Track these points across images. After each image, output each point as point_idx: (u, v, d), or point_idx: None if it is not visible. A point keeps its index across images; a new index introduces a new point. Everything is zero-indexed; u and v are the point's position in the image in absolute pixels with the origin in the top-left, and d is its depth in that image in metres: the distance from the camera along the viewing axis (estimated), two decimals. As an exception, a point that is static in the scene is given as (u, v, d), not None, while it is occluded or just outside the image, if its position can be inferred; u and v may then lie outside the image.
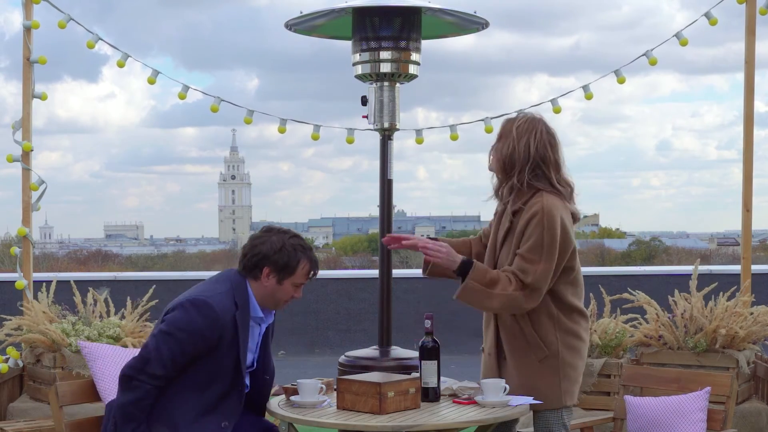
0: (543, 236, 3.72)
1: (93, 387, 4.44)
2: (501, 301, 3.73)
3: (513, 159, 3.84)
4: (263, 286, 3.67)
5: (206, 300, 3.59)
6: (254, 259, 3.67)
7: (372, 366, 5.26)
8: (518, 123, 3.89)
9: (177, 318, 3.59)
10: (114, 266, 28.84)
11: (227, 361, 3.61)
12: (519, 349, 3.84)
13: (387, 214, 5.65)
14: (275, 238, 3.68)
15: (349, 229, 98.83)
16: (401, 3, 5.41)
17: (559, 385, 3.83)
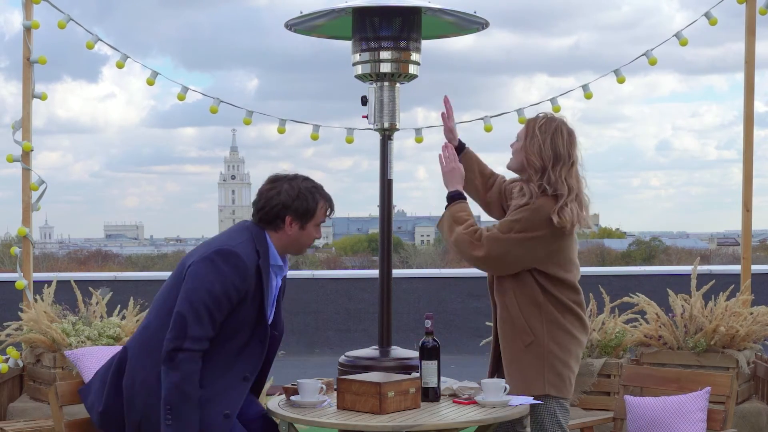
0: (519, 216, 3.86)
1: None
2: (455, 237, 3.95)
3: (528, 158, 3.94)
4: (286, 234, 3.62)
5: (233, 249, 3.49)
6: (274, 210, 3.60)
7: (372, 366, 5.26)
8: (533, 125, 4.00)
9: (206, 272, 3.45)
10: (114, 266, 28.86)
11: (251, 312, 3.52)
12: (508, 334, 3.94)
13: (387, 214, 5.64)
14: (288, 186, 3.62)
15: (349, 229, 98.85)
16: (401, 3, 5.41)
17: (543, 373, 3.87)
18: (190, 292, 3.43)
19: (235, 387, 3.52)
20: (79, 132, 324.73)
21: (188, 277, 3.48)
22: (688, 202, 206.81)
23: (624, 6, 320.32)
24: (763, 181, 22.99)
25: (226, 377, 3.50)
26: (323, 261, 32.70)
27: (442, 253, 34.08)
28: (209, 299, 3.41)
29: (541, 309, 3.89)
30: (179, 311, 3.41)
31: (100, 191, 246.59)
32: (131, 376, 3.51)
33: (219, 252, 3.48)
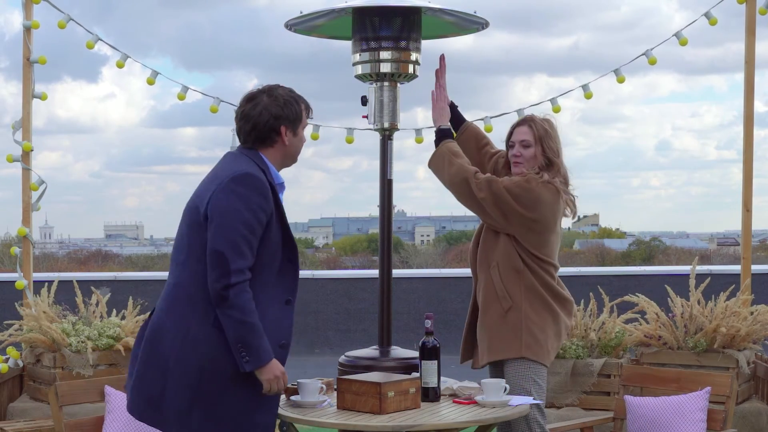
0: (520, 183, 4.06)
1: (93, 387, 4.44)
2: (456, 169, 4.15)
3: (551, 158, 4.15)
4: (283, 146, 3.54)
5: (247, 171, 3.38)
6: (268, 125, 3.49)
7: (372, 366, 5.26)
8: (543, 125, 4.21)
9: (229, 202, 3.32)
10: (114, 266, 28.83)
11: (277, 233, 3.43)
12: (488, 301, 4.12)
13: (387, 214, 5.64)
14: (268, 98, 3.53)
15: (349, 229, 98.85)
16: (401, 3, 5.41)
17: (520, 337, 4.03)
18: (221, 227, 3.30)
19: (283, 314, 3.44)
20: (79, 132, 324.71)
21: (213, 214, 3.33)
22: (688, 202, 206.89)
23: (623, 6, 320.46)
24: (763, 181, 22.95)
25: (272, 306, 3.39)
26: (323, 261, 32.70)
27: (442, 253, 34.10)
28: (242, 227, 3.29)
29: (521, 276, 4.08)
30: (216, 250, 3.28)
31: (100, 191, 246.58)
32: (176, 337, 3.34)
33: (234, 179, 3.35)
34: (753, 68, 6.37)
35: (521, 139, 4.14)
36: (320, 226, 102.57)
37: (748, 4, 6.31)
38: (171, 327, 3.35)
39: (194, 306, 3.34)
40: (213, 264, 3.28)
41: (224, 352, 3.30)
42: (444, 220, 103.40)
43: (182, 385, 3.31)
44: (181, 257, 3.43)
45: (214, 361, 3.30)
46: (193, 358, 3.30)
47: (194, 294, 3.34)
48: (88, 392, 4.37)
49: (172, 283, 3.44)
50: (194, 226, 3.40)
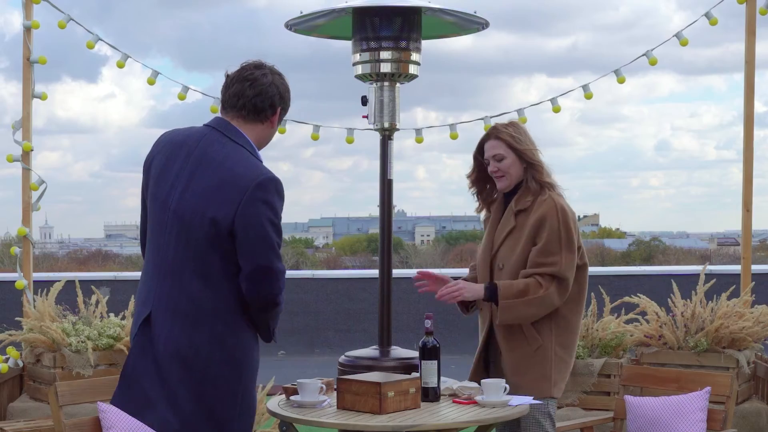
0: (560, 229, 3.87)
1: (93, 387, 4.43)
2: (537, 305, 3.84)
3: (531, 159, 4.00)
4: (269, 128, 3.42)
5: (269, 176, 3.25)
6: (271, 99, 3.37)
7: (372, 366, 5.26)
8: (508, 131, 4.05)
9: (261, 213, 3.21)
10: (114, 266, 28.82)
11: None
12: (515, 340, 3.94)
13: (387, 214, 5.64)
14: (277, 78, 3.41)
15: (349, 229, 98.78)
16: (401, 3, 5.41)
17: (550, 376, 3.92)
18: (262, 242, 3.21)
19: None
20: (79, 132, 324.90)
21: (246, 228, 3.19)
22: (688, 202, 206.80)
23: (621, 7, 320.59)
24: (763, 181, 22.95)
25: None
26: (323, 261, 32.69)
27: (442, 253, 34.10)
28: (276, 236, 3.26)
29: (552, 315, 3.92)
30: (262, 265, 3.22)
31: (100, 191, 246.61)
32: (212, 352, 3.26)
33: (261, 186, 3.21)
34: (753, 68, 6.37)
35: (493, 154, 4.03)
36: (320, 226, 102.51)
37: (748, 4, 6.31)
38: (203, 343, 3.25)
39: (224, 319, 3.27)
40: (261, 279, 3.24)
41: (253, 348, 3.37)
42: (444, 220, 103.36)
43: (228, 395, 3.30)
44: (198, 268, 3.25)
45: (250, 363, 3.34)
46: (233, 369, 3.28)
47: (220, 307, 3.26)
48: (88, 392, 4.36)
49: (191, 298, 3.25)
50: (213, 239, 3.22)
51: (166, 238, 3.31)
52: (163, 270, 3.31)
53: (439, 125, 6.64)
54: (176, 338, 3.25)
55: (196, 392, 3.25)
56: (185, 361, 3.25)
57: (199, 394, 3.26)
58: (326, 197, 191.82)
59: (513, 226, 3.98)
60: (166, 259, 3.30)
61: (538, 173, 4.01)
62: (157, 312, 3.30)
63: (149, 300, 3.33)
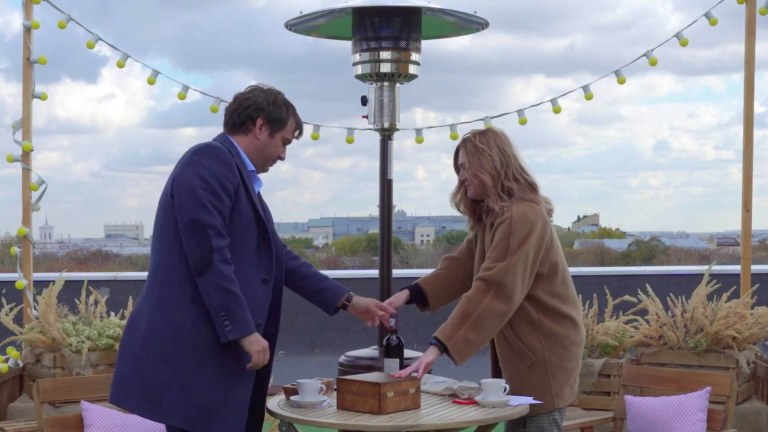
0: (508, 237, 3.71)
1: (77, 385, 4.45)
2: (480, 325, 3.68)
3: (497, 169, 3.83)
4: (255, 139, 3.54)
5: (209, 143, 3.47)
6: (247, 111, 3.53)
7: (372, 366, 5.26)
8: (477, 137, 3.90)
9: (192, 172, 3.34)
10: (114, 266, 28.80)
11: (247, 209, 3.44)
12: (508, 357, 3.87)
13: (387, 214, 5.65)
14: (264, 93, 3.57)
15: (349, 229, 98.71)
16: (401, 3, 5.42)
17: (550, 389, 3.84)
18: (188, 197, 3.32)
19: (259, 294, 3.48)
20: (78, 132, 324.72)
21: (178, 187, 3.37)
22: (688, 202, 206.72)
23: (619, 7, 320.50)
24: (762, 181, 22.94)
25: (248, 285, 3.41)
26: (323, 261, 32.65)
27: (442, 253, 34.05)
28: (207, 194, 3.31)
29: (537, 327, 3.82)
30: (190, 218, 3.30)
31: (100, 191, 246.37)
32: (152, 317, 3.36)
33: (196, 150, 3.42)
34: (753, 68, 6.36)
35: (461, 162, 3.94)
36: (320, 226, 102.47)
37: (748, 4, 6.31)
38: (147, 308, 3.40)
39: (170, 285, 3.37)
40: (190, 233, 3.30)
41: (202, 326, 3.33)
42: (444, 220, 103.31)
43: (159, 361, 3.34)
44: (157, 243, 3.48)
45: (192, 335, 3.33)
46: (168, 334, 3.33)
47: (170, 273, 3.38)
48: (72, 390, 4.37)
49: (151, 272, 3.47)
50: (164, 208, 3.43)
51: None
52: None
53: (438, 125, 6.65)
54: (134, 310, 3.50)
55: (133, 356, 3.38)
56: (131, 326, 3.45)
57: (136, 359, 3.37)
58: (326, 197, 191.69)
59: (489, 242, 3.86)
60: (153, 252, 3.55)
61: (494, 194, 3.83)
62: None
63: None
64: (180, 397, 3.33)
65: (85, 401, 4.33)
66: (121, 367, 3.44)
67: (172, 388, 3.33)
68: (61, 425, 4.23)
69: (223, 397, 3.39)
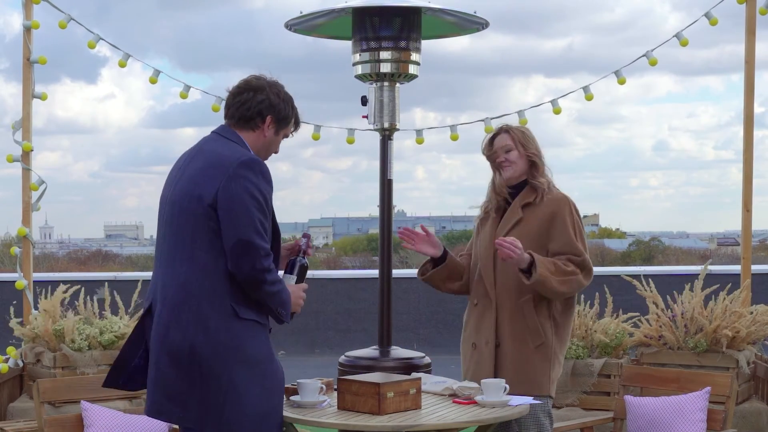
0: (577, 221, 4.04)
1: (77, 385, 4.45)
2: (569, 285, 3.94)
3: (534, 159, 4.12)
4: (262, 136, 3.51)
5: (255, 158, 3.38)
6: (258, 107, 3.47)
7: (372, 366, 5.26)
8: (519, 129, 4.22)
9: (242, 188, 3.28)
10: (114, 266, 28.79)
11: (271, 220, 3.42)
12: (518, 335, 4.01)
13: (387, 214, 5.65)
14: (272, 87, 3.52)
15: (349, 229, 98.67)
16: (401, 3, 5.42)
17: (548, 374, 4.00)
18: (241, 216, 3.26)
19: None
20: (78, 132, 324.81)
21: (226, 202, 3.27)
22: (687, 202, 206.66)
23: (617, 8, 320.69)
24: (762, 181, 22.94)
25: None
26: (323, 261, 32.60)
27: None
28: (258, 212, 3.28)
29: (553, 314, 4.02)
30: (241, 239, 3.24)
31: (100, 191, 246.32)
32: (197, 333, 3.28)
33: (244, 164, 3.32)
34: (753, 68, 6.36)
35: (502, 145, 4.16)
36: (320, 226, 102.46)
37: (748, 4, 6.31)
38: (186, 323, 3.29)
39: (210, 300, 3.29)
40: (241, 253, 3.25)
41: (247, 342, 3.32)
42: (444, 220, 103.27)
43: (212, 378, 3.29)
44: (186, 252, 3.33)
45: (238, 352, 3.30)
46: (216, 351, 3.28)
47: (205, 287, 3.29)
48: (71, 390, 4.37)
49: (180, 282, 3.32)
50: (200, 218, 3.31)
51: (164, 229, 3.44)
52: (161, 261, 3.43)
53: (438, 126, 6.65)
54: (165, 322, 3.33)
55: (185, 375, 3.30)
56: (173, 345, 3.30)
57: (188, 377, 3.30)
58: (326, 197, 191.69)
59: (519, 218, 4.07)
60: (163, 250, 3.43)
61: (540, 175, 4.12)
62: (155, 302, 3.40)
63: (150, 292, 3.46)
64: (237, 413, 3.31)
65: (85, 401, 4.33)
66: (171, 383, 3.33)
67: (229, 404, 3.30)
68: (61, 425, 4.23)
69: (270, 407, 3.40)
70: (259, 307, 3.38)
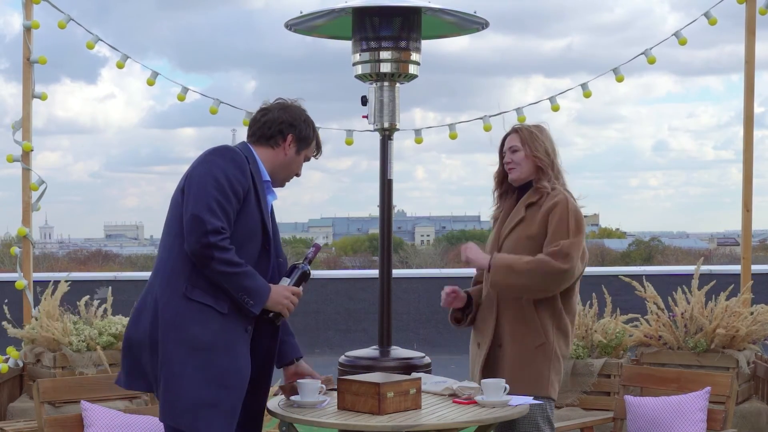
0: (568, 219, 3.93)
1: (77, 385, 4.45)
2: (529, 267, 3.85)
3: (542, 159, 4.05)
4: (283, 154, 3.57)
5: (226, 146, 3.48)
6: (280, 126, 3.55)
7: (372, 366, 5.26)
8: (528, 129, 4.13)
9: (205, 171, 3.36)
10: (114, 266, 28.80)
11: (255, 215, 3.45)
12: (520, 334, 3.97)
13: (387, 214, 5.65)
14: (294, 110, 3.60)
15: (349, 229, 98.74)
16: (401, 3, 5.42)
17: (549, 375, 3.96)
18: (196, 194, 3.33)
19: None
20: (78, 132, 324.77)
21: (188, 184, 3.38)
22: (687, 202, 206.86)
23: (616, 8, 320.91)
24: (762, 181, 22.95)
25: None
26: (323, 261, 32.65)
27: (442, 253, 34.09)
28: (216, 192, 3.32)
29: (555, 315, 3.98)
30: (191, 214, 3.30)
31: (100, 191, 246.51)
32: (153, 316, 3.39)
33: (212, 151, 3.44)
34: (753, 68, 6.36)
35: (510, 146, 4.13)
36: (320, 226, 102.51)
37: (748, 4, 6.30)
38: (147, 305, 3.44)
39: (167, 280, 3.40)
40: (189, 229, 3.31)
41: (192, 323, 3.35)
42: (444, 220, 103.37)
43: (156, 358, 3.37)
44: (165, 239, 3.48)
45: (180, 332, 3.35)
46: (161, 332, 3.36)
47: (170, 267, 3.40)
48: (72, 390, 4.37)
49: (155, 266, 3.49)
50: (174, 205, 3.44)
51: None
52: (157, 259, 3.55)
53: (437, 125, 6.65)
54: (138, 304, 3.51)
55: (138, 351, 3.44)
56: (135, 320, 3.48)
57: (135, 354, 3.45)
58: (326, 197, 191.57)
59: (521, 217, 4.04)
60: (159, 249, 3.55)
61: (547, 175, 4.06)
62: None
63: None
64: (169, 393, 3.35)
65: (85, 401, 4.33)
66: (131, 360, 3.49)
67: (162, 386, 3.36)
68: (61, 425, 4.23)
69: (211, 398, 3.35)
70: (219, 293, 3.37)
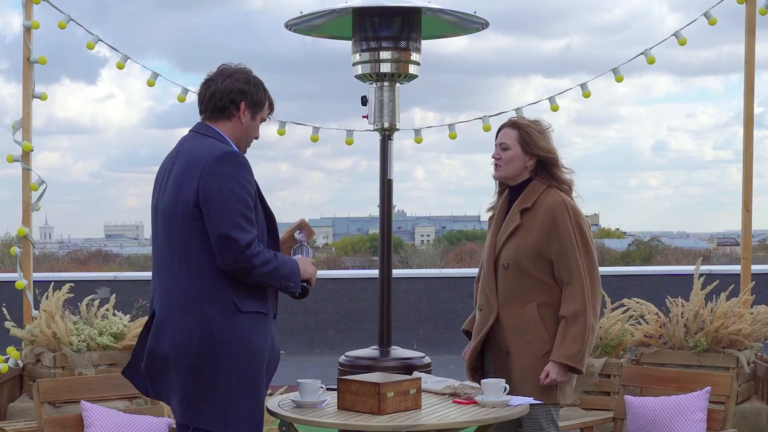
0: (576, 229, 3.90)
1: (77, 385, 4.45)
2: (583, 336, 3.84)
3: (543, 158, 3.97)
4: (240, 123, 3.49)
5: (229, 149, 3.37)
6: (229, 96, 3.45)
7: (372, 366, 5.26)
8: (526, 128, 4.00)
9: (220, 184, 3.27)
10: (114, 266, 28.79)
11: (262, 216, 3.43)
12: (525, 342, 3.91)
13: (387, 214, 5.65)
14: (237, 73, 3.49)
15: (349, 229, 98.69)
16: (401, 3, 5.42)
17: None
18: (220, 211, 3.26)
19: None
20: (78, 132, 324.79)
21: (206, 199, 3.28)
22: (687, 202, 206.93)
23: (615, 9, 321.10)
24: (762, 181, 22.96)
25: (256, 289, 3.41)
26: (323, 261, 32.62)
27: (442, 253, 34.08)
28: (239, 205, 3.27)
29: (557, 317, 3.90)
30: (221, 234, 3.24)
31: (100, 191, 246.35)
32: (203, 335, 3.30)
33: (218, 159, 3.32)
34: (753, 68, 6.36)
35: (500, 142, 4.00)
36: (320, 226, 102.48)
37: (748, 4, 6.30)
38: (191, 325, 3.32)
39: (211, 300, 3.31)
40: (222, 249, 3.26)
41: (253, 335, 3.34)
42: (444, 220, 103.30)
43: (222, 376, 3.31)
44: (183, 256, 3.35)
45: (246, 346, 3.32)
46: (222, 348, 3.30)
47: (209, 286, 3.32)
48: (72, 390, 4.37)
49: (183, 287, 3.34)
50: (188, 221, 3.32)
51: (159, 236, 3.47)
52: (160, 268, 3.45)
53: (437, 125, 6.65)
54: (173, 327, 3.35)
55: (194, 376, 3.32)
56: (181, 347, 3.32)
57: (198, 377, 3.32)
58: (325, 197, 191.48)
59: (518, 225, 3.93)
60: (160, 257, 3.45)
61: (548, 173, 3.98)
62: (159, 308, 3.42)
63: (153, 299, 3.48)
64: (246, 403, 3.35)
65: (85, 401, 4.33)
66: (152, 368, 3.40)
67: (237, 397, 3.33)
68: (61, 425, 4.23)
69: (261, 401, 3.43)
70: (261, 295, 3.38)
